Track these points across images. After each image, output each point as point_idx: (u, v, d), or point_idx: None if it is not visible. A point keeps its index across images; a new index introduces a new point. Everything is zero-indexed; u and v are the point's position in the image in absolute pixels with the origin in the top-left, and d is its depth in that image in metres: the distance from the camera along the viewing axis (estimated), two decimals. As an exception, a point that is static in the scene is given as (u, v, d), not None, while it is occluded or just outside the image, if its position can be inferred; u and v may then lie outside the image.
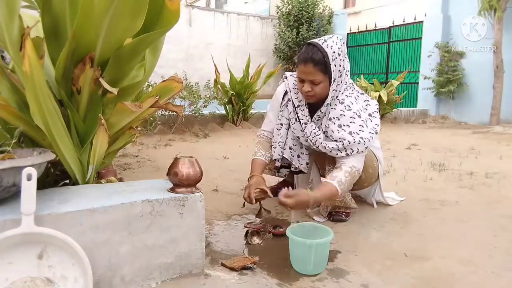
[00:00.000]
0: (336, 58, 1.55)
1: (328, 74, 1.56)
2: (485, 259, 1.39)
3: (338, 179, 1.54)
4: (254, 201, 1.59)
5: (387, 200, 2.00)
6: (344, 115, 1.60)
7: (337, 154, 1.60)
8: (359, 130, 1.59)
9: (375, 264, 1.35)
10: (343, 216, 1.77)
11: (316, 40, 1.58)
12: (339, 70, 1.58)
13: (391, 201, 2.04)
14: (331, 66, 1.54)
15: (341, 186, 1.53)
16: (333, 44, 1.55)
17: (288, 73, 1.84)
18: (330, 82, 1.58)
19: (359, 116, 1.61)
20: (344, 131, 1.59)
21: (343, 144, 1.57)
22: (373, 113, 1.67)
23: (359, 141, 1.57)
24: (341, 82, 1.62)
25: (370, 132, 1.61)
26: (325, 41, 1.56)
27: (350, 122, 1.60)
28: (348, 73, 1.66)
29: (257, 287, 1.17)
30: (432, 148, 4.09)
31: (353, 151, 1.58)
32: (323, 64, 1.53)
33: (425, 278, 1.25)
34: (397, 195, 2.15)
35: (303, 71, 1.57)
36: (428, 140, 4.84)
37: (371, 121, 1.65)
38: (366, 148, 1.60)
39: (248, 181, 1.69)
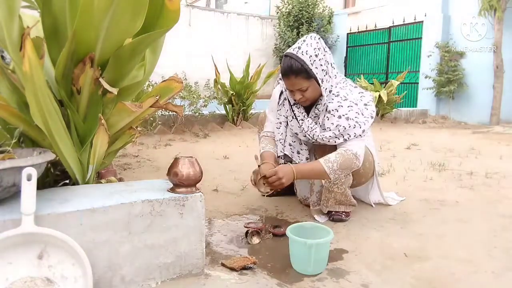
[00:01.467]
0: (315, 60, 1.58)
1: (313, 77, 1.60)
2: (485, 259, 1.39)
3: (326, 157, 1.60)
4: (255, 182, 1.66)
5: (387, 200, 2.00)
6: (342, 106, 1.64)
7: (335, 142, 1.64)
8: (355, 117, 1.63)
9: (375, 264, 1.35)
10: (343, 216, 1.77)
11: (290, 50, 1.62)
12: (323, 69, 1.61)
13: (391, 201, 2.04)
14: (312, 70, 1.58)
15: (328, 164, 1.58)
16: (308, 48, 1.58)
17: None
18: (318, 84, 1.62)
19: (356, 104, 1.66)
20: (343, 119, 1.62)
21: (339, 131, 1.61)
22: (368, 102, 1.71)
23: (354, 125, 1.61)
24: (330, 76, 1.66)
25: (365, 117, 1.65)
26: (299, 48, 1.59)
27: (349, 111, 1.64)
28: (334, 65, 1.69)
29: (257, 287, 1.17)
30: (432, 148, 4.09)
31: (350, 136, 1.62)
32: (304, 72, 1.58)
33: (425, 278, 1.25)
34: (397, 195, 2.15)
35: (287, 83, 1.64)
36: (428, 140, 4.84)
37: (367, 109, 1.69)
38: (364, 131, 1.63)
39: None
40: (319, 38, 1.64)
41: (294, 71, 1.57)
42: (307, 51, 1.57)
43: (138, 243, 1.09)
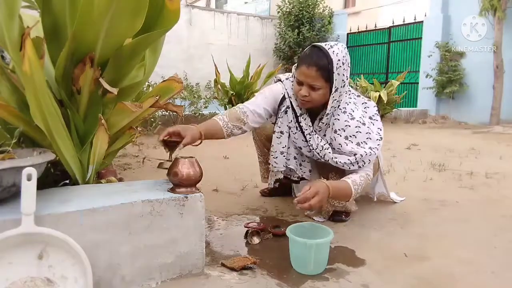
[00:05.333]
0: (340, 66, 1.49)
1: (329, 82, 1.50)
2: (485, 259, 1.39)
3: (353, 180, 1.53)
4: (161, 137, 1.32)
5: (389, 193, 2.01)
6: (349, 125, 1.58)
7: (349, 168, 1.59)
8: (367, 138, 1.58)
9: (375, 264, 1.35)
10: (343, 216, 1.76)
11: (322, 44, 1.52)
12: (342, 80, 1.52)
13: (393, 197, 2.05)
14: (334, 74, 1.49)
15: (355, 187, 1.52)
16: (338, 52, 1.49)
17: (283, 77, 1.73)
18: (330, 91, 1.53)
19: (364, 124, 1.59)
20: (352, 142, 1.57)
21: (356, 159, 1.56)
22: (373, 115, 1.66)
23: (370, 153, 1.57)
24: (343, 92, 1.58)
25: (377, 139, 1.61)
26: (331, 47, 1.50)
27: (356, 132, 1.58)
28: (347, 81, 1.60)
29: (257, 287, 1.17)
30: (432, 148, 4.09)
31: (364, 163, 1.58)
32: (326, 71, 1.48)
33: (425, 278, 1.25)
34: (397, 195, 2.15)
35: (304, 73, 1.50)
36: (428, 140, 4.84)
37: (373, 124, 1.64)
38: (376, 156, 1.61)
39: None
40: (347, 52, 1.55)
41: (319, 64, 1.46)
42: (337, 54, 1.48)
43: (138, 243, 1.09)
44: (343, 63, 1.50)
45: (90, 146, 1.27)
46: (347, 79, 1.55)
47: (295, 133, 1.68)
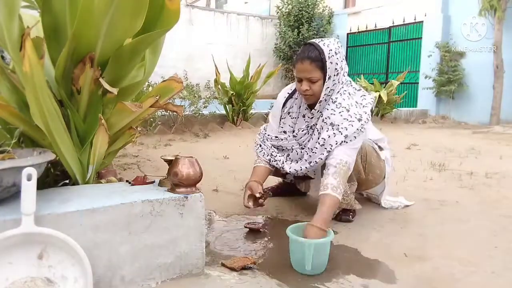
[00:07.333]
0: (333, 56, 1.55)
1: (325, 71, 1.56)
2: (485, 259, 1.39)
3: (330, 185, 1.46)
4: (251, 207, 1.65)
5: (385, 204, 1.96)
6: (334, 114, 1.58)
7: (321, 158, 1.57)
8: (341, 123, 1.55)
9: (375, 264, 1.35)
10: (350, 216, 1.76)
11: (314, 40, 1.61)
12: (336, 69, 1.57)
13: (392, 204, 1.99)
14: (327, 63, 1.54)
15: (338, 190, 1.46)
16: (329, 43, 1.57)
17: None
18: (325, 80, 1.57)
19: (348, 110, 1.58)
20: (332, 129, 1.57)
21: (319, 144, 1.57)
22: (366, 104, 1.63)
23: (334, 133, 1.55)
24: (338, 81, 1.60)
25: (350, 121, 1.55)
26: (322, 40, 1.59)
27: (341, 117, 1.57)
28: (346, 74, 1.65)
29: (257, 287, 1.17)
30: (432, 148, 4.09)
31: (332, 145, 1.53)
32: (319, 61, 1.54)
33: (425, 278, 1.25)
34: (405, 199, 2.10)
35: (300, 69, 1.58)
36: (428, 140, 4.84)
37: (365, 112, 1.60)
38: (346, 136, 1.53)
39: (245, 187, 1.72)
40: (341, 45, 1.62)
41: (311, 57, 1.54)
42: (328, 45, 1.56)
43: (138, 243, 1.09)
44: (335, 52, 1.57)
45: (90, 146, 1.27)
46: (341, 69, 1.60)
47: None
